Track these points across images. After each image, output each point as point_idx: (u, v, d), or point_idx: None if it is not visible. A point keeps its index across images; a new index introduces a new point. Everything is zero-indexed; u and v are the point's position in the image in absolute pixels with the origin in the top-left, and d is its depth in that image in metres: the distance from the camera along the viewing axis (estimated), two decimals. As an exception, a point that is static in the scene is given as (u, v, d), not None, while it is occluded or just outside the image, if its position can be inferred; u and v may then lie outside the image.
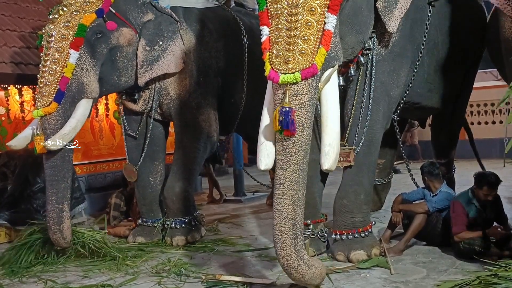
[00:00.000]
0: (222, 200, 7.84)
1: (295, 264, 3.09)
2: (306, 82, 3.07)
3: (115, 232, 5.60)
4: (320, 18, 3.12)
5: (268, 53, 3.16)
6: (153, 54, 4.86)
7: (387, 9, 3.82)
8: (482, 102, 11.87)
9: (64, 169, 4.38)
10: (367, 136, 4.13)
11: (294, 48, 3.07)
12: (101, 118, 7.10)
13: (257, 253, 4.59)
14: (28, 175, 5.62)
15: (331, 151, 3.22)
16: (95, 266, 4.36)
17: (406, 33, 4.21)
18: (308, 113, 3.10)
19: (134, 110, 5.25)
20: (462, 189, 4.53)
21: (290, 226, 3.07)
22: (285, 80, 3.04)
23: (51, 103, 4.24)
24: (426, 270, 3.86)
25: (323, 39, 3.11)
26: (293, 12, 3.11)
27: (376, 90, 4.12)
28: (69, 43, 4.30)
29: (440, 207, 4.40)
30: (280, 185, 3.10)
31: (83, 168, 6.82)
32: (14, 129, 6.19)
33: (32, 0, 6.79)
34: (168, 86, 5.15)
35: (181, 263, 4.32)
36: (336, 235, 4.23)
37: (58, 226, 4.30)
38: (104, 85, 4.68)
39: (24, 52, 6.00)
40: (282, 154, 3.10)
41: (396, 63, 4.20)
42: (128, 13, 4.82)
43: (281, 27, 3.12)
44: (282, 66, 3.07)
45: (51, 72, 4.26)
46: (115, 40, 4.64)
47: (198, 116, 5.22)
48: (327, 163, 3.23)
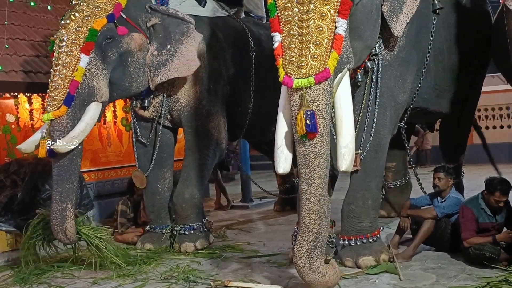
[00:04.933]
0: (230, 206, 7.85)
1: (311, 277, 3.18)
2: (320, 87, 3.12)
3: (123, 239, 5.62)
4: (331, 23, 3.17)
5: (281, 59, 3.21)
6: (160, 59, 4.83)
7: (393, 13, 3.85)
8: (490, 107, 11.81)
9: (70, 170, 4.37)
10: (374, 141, 4.14)
11: (306, 53, 3.13)
12: (109, 125, 7.14)
13: (266, 259, 4.58)
14: (37, 182, 5.64)
15: (347, 152, 3.29)
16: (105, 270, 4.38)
17: (412, 39, 4.24)
18: (325, 120, 3.15)
19: (145, 116, 5.26)
20: (471, 194, 4.50)
21: (313, 238, 3.17)
22: (299, 85, 3.10)
23: (60, 106, 4.25)
24: (436, 276, 3.83)
25: (335, 43, 3.16)
26: (304, 18, 3.16)
27: (383, 95, 4.14)
28: (80, 47, 4.32)
29: (448, 212, 4.38)
30: (306, 200, 3.16)
31: (91, 175, 6.85)
32: (23, 137, 6.22)
33: (42, 9, 6.86)
34: (178, 93, 5.16)
35: (189, 269, 4.33)
36: (344, 241, 4.22)
37: (61, 226, 4.28)
38: (115, 90, 4.70)
39: (34, 60, 6.06)
40: (305, 169, 3.15)
41: (402, 68, 4.21)
42: (138, 19, 4.84)
43: (293, 33, 3.18)
44: (295, 71, 3.13)
45: (62, 76, 4.28)
46: (125, 45, 4.65)
47: (208, 124, 5.24)
48: (344, 165, 3.29)
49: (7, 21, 6.15)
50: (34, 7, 6.73)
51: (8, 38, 6.01)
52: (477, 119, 11.69)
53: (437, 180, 4.50)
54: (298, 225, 3.29)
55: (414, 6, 3.90)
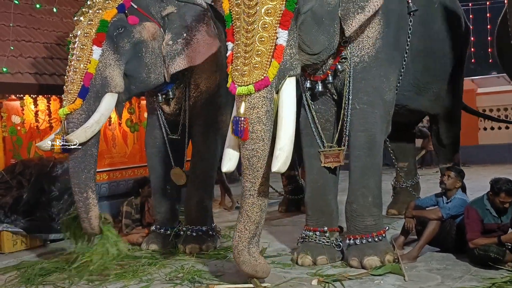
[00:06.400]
0: (234, 207, 7.85)
1: (246, 258, 3.57)
2: (259, 94, 3.38)
3: (128, 240, 5.63)
4: (272, 34, 3.42)
5: (230, 66, 3.50)
6: (175, 48, 4.75)
7: (346, 16, 4.00)
8: (495, 107, 11.77)
9: (86, 161, 4.31)
10: (366, 139, 4.23)
11: (249, 62, 3.39)
12: (114, 127, 7.16)
13: (270, 259, 4.58)
14: (43, 183, 5.68)
15: (281, 154, 3.43)
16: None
17: (391, 40, 4.36)
18: (266, 126, 3.42)
19: (169, 112, 5.23)
20: (476, 195, 4.50)
21: (254, 227, 3.57)
22: (241, 92, 3.37)
23: (75, 99, 4.22)
24: (441, 277, 3.83)
25: (275, 53, 3.41)
26: (250, 29, 3.43)
27: (369, 95, 4.25)
28: (91, 39, 4.30)
29: (454, 213, 4.38)
30: (250, 195, 3.51)
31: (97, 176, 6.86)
32: (29, 138, 6.28)
33: (47, 11, 6.89)
34: (198, 79, 5.12)
35: (194, 270, 4.33)
36: (350, 240, 4.27)
37: (86, 214, 4.26)
38: (133, 83, 4.63)
39: (40, 62, 6.10)
40: (249, 170, 3.47)
41: (385, 68, 4.33)
42: (150, 7, 4.75)
43: (240, 43, 3.45)
44: (239, 79, 3.40)
45: (76, 70, 4.25)
46: (137, 34, 4.57)
47: (219, 116, 5.19)
48: (276, 166, 3.42)
49: (13, 23, 6.18)
50: (39, 9, 6.76)
51: (13, 40, 6.04)
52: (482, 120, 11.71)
53: (446, 177, 4.51)
54: (240, 216, 3.59)
55: (371, 9, 3.97)
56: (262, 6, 3.41)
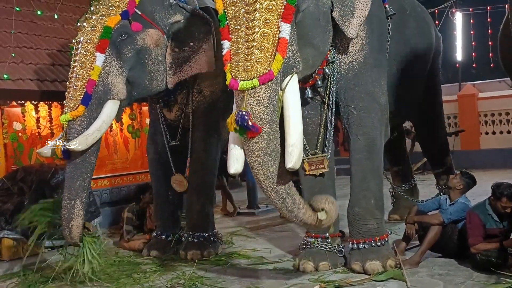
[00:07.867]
0: (236, 213, 7.84)
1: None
2: (265, 87, 3.31)
3: (129, 246, 5.63)
4: (275, 28, 3.39)
5: (229, 64, 3.43)
6: (182, 56, 4.78)
7: (344, 18, 3.97)
8: (497, 112, 11.75)
9: (82, 168, 4.28)
10: (365, 142, 4.24)
11: (252, 57, 3.34)
12: (116, 133, 7.18)
13: (272, 266, 4.57)
14: (44, 190, 5.67)
15: (294, 150, 3.37)
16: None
17: (376, 44, 4.38)
18: (267, 109, 3.32)
19: (170, 118, 5.23)
20: (478, 200, 4.48)
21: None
22: (244, 87, 3.30)
23: (78, 106, 4.20)
24: (443, 283, 3.81)
25: (279, 47, 3.37)
26: (251, 26, 3.39)
27: (364, 100, 4.26)
28: (95, 46, 4.29)
29: (455, 218, 4.36)
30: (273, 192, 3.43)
31: (98, 182, 6.88)
32: (30, 144, 6.29)
33: (48, 18, 6.92)
34: (201, 84, 5.13)
35: (195, 276, 4.33)
36: (352, 244, 4.26)
37: (68, 222, 4.20)
38: (135, 89, 4.63)
39: (41, 69, 6.12)
40: (249, 156, 3.36)
41: (375, 73, 4.35)
42: (155, 14, 4.75)
43: (240, 40, 3.41)
44: (241, 74, 3.34)
45: (78, 77, 4.24)
46: (141, 41, 4.57)
47: (221, 121, 5.16)
48: (290, 162, 3.36)
49: (14, 30, 6.21)
50: (40, 16, 6.80)
51: (15, 47, 6.07)
52: (484, 124, 11.70)
53: (452, 176, 4.58)
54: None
55: (366, 10, 4.01)
56: (263, 2, 3.39)
